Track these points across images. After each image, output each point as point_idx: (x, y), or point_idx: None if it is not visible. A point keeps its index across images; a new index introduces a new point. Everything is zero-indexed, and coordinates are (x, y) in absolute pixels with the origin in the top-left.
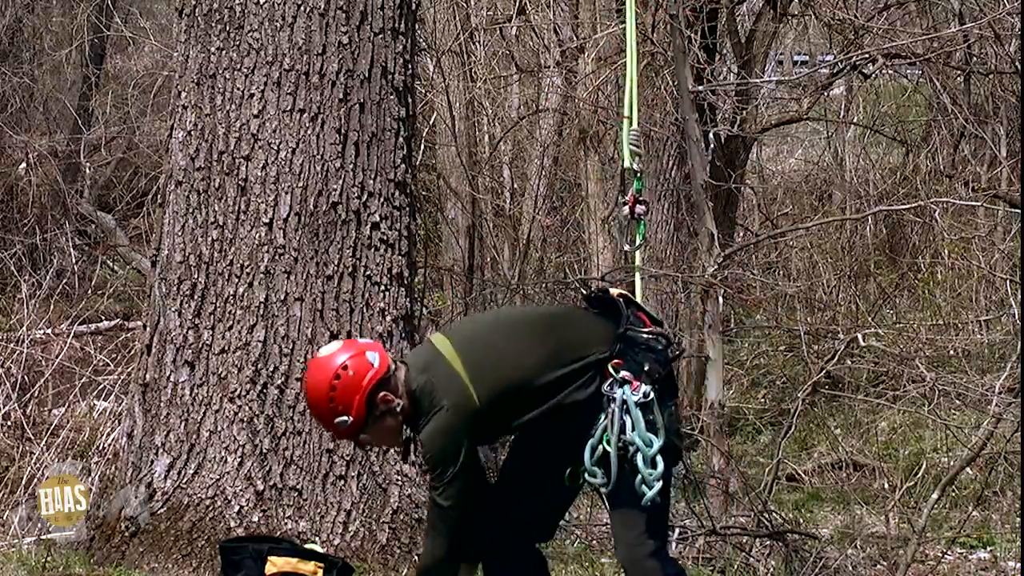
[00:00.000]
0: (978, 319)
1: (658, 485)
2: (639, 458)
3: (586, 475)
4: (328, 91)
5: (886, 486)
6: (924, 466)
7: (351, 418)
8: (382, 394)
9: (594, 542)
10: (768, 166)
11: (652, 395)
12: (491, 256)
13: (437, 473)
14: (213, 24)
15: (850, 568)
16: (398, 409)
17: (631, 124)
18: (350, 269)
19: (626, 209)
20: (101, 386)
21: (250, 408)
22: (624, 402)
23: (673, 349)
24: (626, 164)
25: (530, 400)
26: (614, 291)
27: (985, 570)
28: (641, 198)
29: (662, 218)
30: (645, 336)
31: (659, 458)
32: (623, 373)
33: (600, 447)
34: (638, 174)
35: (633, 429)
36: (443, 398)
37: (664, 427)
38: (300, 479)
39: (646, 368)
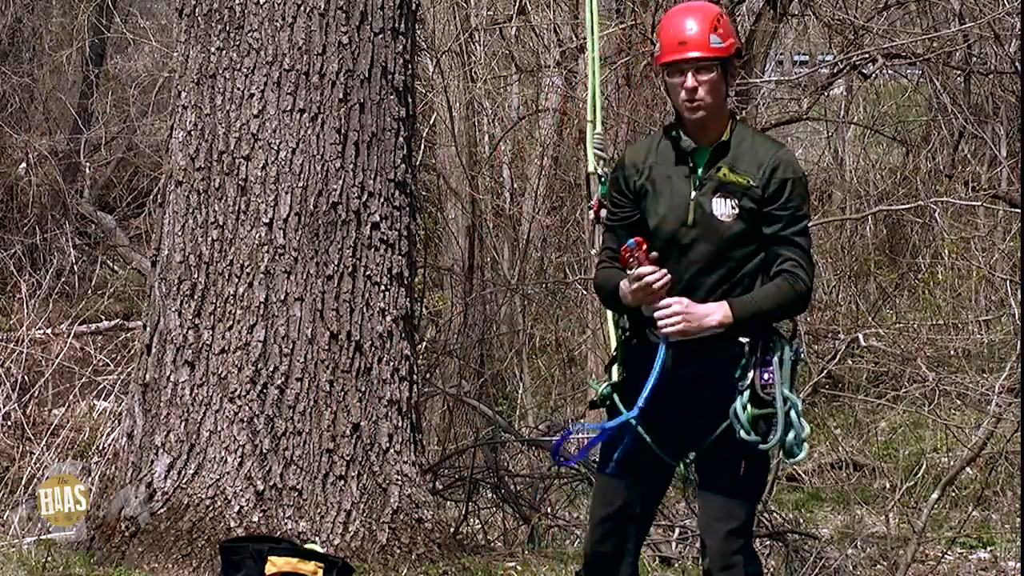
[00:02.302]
0: (978, 319)
1: (806, 447)
2: (793, 415)
3: (741, 432)
4: (328, 91)
5: (886, 486)
6: (924, 466)
7: (726, 45)
8: (734, 69)
9: None
10: None
11: (802, 356)
12: (491, 256)
13: (803, 208)
14: (213, 24)
15: (850, 568)
16: (729, 93)
17: (595, 128)
18: (350, 269)
19: (591, 214)
20: (101, 386)
21: (250, 408)
22: (783, 355)
23: None
24: (591, 169)
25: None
26: None
27: (985, 570)
28: (606, 203)
29: None
30: None
31: (803, 419)
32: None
33: (749, 407)
34: (603, 179)
35: (784, 384)
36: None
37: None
38: (300, 479)
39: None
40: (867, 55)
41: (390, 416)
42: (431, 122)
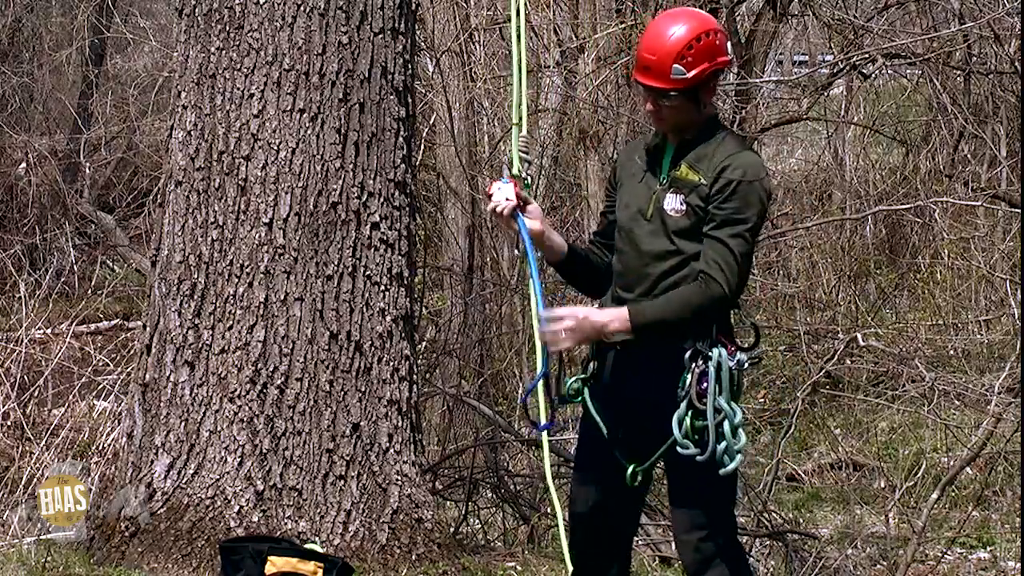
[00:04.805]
0: (978, 319)
1: (739, 458)
2: (726, 426)
3: (677, 447)
4: (328, 91)
5: (886, 486)
6: (924, 466)
7: (689, 77)
8: (712, 84)
9: None
10: (768, 166)
11: (745, 365)
12: (491, 256)
13: (743, 211)
14: (213, 24)
15: (850, 568)
16: (703, 108)
17: (520, 131)
18: (350, 269)
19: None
20: (101, 386)
21: (250, 408)
22: (719, 364)
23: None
24: (514, 171)
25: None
26: None
27: (985, 570)
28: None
29: None
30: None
31: (741, 430)
32: (718, 335)
33: (688, 417)
34: (526, 180)
35: (720, 394)
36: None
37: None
38: (300, 479)
39: (736, 340)
40: (867, 55)
41: (390, 416)
42: (431, 122)
